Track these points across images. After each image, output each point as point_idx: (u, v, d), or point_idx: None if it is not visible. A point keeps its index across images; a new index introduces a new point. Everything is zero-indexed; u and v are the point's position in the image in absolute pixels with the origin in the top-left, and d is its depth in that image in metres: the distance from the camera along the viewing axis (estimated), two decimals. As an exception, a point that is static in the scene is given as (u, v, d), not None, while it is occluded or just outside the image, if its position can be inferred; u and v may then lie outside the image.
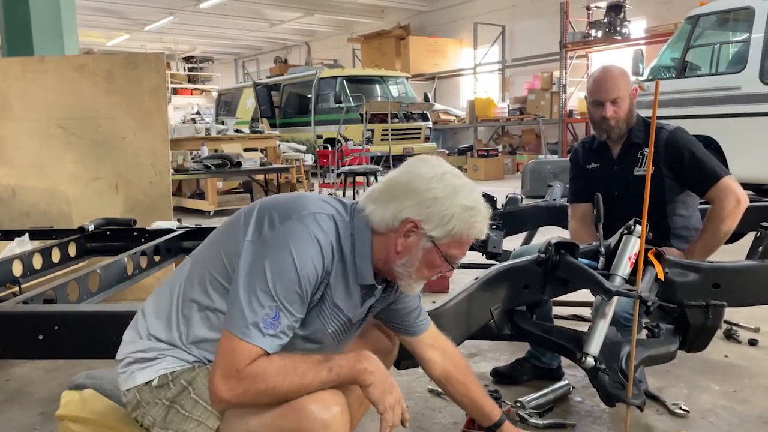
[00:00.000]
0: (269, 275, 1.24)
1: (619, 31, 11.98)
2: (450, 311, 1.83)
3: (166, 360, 1.34)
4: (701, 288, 2.07)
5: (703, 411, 2.29)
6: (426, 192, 1.34)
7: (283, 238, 1.28)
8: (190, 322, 1.34)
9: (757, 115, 6.65)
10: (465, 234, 1.36)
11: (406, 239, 1.36)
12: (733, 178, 2.39)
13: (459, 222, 1.34)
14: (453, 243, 1.37)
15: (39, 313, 1.87)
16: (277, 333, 1.25)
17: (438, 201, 1.34)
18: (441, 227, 1.34)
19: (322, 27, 21.13)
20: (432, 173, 1.37)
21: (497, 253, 3.08)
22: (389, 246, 1.37)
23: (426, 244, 1.36)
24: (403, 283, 1.42)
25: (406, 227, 1.35)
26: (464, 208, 1.35)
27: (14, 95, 4.18)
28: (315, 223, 1.31)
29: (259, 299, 1.24)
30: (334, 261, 1.33)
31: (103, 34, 20.55)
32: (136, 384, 1.35)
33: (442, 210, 1.34)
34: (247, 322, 1.23)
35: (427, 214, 1.34)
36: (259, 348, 1.23)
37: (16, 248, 3.14)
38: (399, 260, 1.38)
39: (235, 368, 1.22)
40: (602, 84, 2.46)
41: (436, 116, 16.05)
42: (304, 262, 1.26)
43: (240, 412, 1.29)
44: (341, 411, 1.28)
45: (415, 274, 1.40)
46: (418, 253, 1.37)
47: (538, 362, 2.57)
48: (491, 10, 15.94)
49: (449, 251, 1.38)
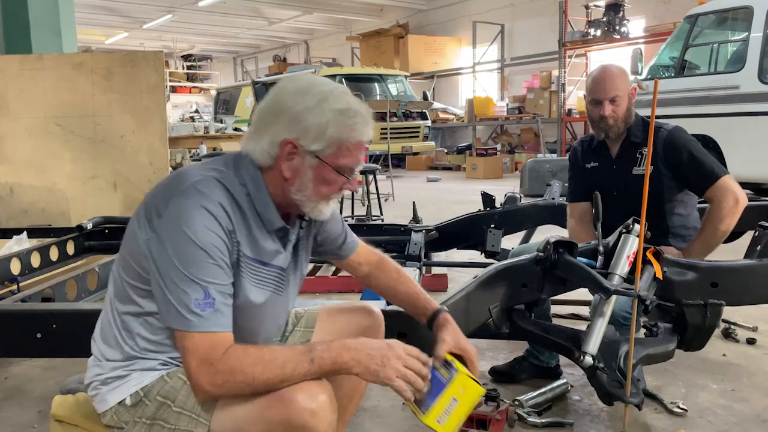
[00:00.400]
0: (178, 263, 1.22)
1: (618, 30, 11.98)
2: (448, 310, 1.83)
3: (133, 376, 1.33)
4: (699, 287, 2.07)
5: (702, 410, 2.30)
6: (294, 107, 1.29)
7: (173, 221, 1.24)
8: (133, 333, 1.33)
9: (756, 114, 6.66)
10: (347, 139, 1.31)
11: (290, 162, 1.31)
12: (732, 177, 2.39)
13: (336, 128, 1.29)
14: (339, 152, 1.31)
15: (37, 311, 1.86)
16: (217, 308, 1.23)
17: (309, 112, 1.28)
18: (319, 139, 1.29)
19: (320, 25, 21.12)
20: (297, 88, 1.32)
21: (496, 251, 3.08)
22: (279, 176, 1.33)
23: (311, 161, 1.31)
24: (308, 208, 1.36)
25: (286, 149, 1.30)
26: (338, 113, 1.29)
27: (12, 93, 4.17)
28: (197, 193, 1.26)
29: (182, 288, 1.22)
30: (233, 219, 1.28)
31: (102, 32, 20.53)
32: (110, 406, 1.34)
33: (315, 120, 1.28)
34: (183, 313, 1.21)
35: (302, 129, 1.29)
36: (211, 331, 1.22)
37: (14, 246, 3.14)
38: (292, 186, 1.33)
39: (208, 361, 1.21)
40: (601, 83, 2.46)
41: (435, 115, 16.06)
42: (203, 234, 1.23)
43: (227, 408, 1.29)
44: (328, 399, 1.27)
45: (315, 196, 1.34)
46: (308, 172, 1.32)
47: (536, 361, 2.57)
48: (490, 8, 15.94)
49: (338, 162, 1.32)
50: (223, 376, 1.21)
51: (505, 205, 3.26)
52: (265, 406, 1.25)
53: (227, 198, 1.29)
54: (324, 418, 1.25)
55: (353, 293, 3.88)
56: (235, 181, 1.32)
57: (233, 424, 1.28)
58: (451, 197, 9.11)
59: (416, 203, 3.81)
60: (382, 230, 3.19)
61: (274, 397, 1.25)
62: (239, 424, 1.28)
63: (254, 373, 1.22)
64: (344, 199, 6.28)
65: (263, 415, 1.25)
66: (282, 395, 1.24)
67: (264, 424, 1.26)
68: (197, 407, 1.30)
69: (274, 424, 1.24)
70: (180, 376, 1.33)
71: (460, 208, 4.74)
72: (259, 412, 1.26)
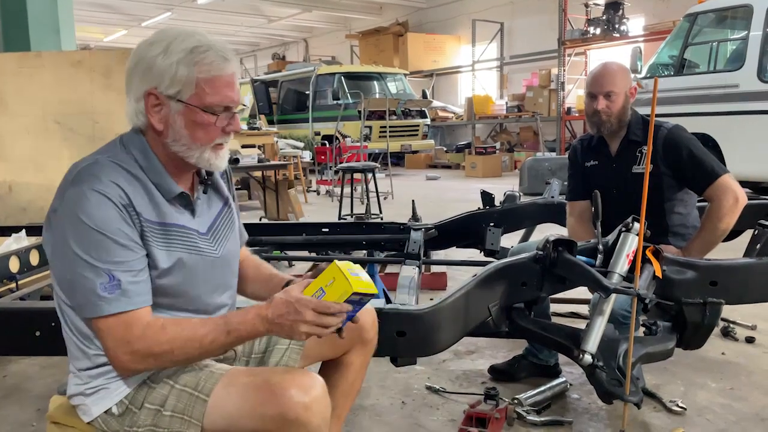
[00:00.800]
0: (80, 251, 1.21)
1: (618, 28, 11.99)
2: (447, 308, 1.83)
3: (114, 385, 1.32)
4: (699, 286, 2.07)
5: (700, 408, 2.30)
6: (145, 58, 1.28)
7: (69, 211, 1.23)
8: (90, 336, 1.31)
9: (755, 113, 6.66)
10: (206, 75, 1.27)
11: (159, 114, 1.29)
12: (732, 176, 2.39)
13: (189, 66, 1.26)
14: (202, 91, 1.27)
15: (36, 309, 1.86)
16: (124, 289, 1.22)
17: (157, 58, 1.27)
18: (175, 82, 1.26)
19: (320, 23, 21.10)
20: (148, 41, 1.31)
21: (495, 250, 3.08)
22: (154, 132, 1.31)
23: (176, 106, 1.28)
24: (194, 159, 1.32)
25: (150, 101, 1.28)
26: (186, 51, 1.26)
27: (10, 91, 4.16)
28: (87, 177, 1.25)
29: (86, 276, 1.21)
30: (128, 193, 1.26)
31: (101, 29, 20.49)
32: (94, 417, 1.33)
33: (167, 63, 1.26)
34: (92, 300, 1.21)
35: (155, 77, 1.27)
36: (122, 312, 1.21)
37: (12, 244, 3.13)
38: (168, 139, 1.30)
39: (125, 341, 1.21)
40: (598, 77, 2.48)
41: (434, 113, 16.05)
42: (98, 217, 1.21)
43: (221, 406, 1.28)
44: (322, 394, 1.27)
45: (195, 144, 1.31)
46: (177, 120, 1.29)
47: (535, 359, 2.57)
48: (490, 6, 15.93)
49: (205, 101, 1.28)
50: (143, 354, 1.22)
51: (505, 204, 3.26)
52: (257, 402, 1.25)
53: (121, 174, 1.27)
54: (317, 413, 1.25)
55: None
56: (126, 157, 1.31)
57: (226, 421, 1.28)
58: (451, 196, 9.11)
59: (415, 202, 3.80)
60: (381, 228, 3.18)
61: (266, 392, 1.25)
62: (232, 420, 1.27)
63: (173, 348, 1.23)
64: (343, 197, 6.28)
65: (256, 411, 1.25)
66: (274, 390, 1.24)
67: (257, 420, 1.25)
68: (188, 409, 1.29)
69: (267, 419, 1.24)
70: (165, 380, 1.33)
71: (460, 207, 4.74)
72: (251, 408, 1.26)
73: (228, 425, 1.28)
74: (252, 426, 1.26)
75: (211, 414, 1.29)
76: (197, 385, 1.31)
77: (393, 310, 1.77)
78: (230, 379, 1.31)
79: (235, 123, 1.34)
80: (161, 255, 1.30)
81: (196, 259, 1.36)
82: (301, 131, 14.00)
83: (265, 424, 1.25)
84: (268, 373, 1.34)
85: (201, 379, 1.31)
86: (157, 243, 1.30)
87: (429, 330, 1.80)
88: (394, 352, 1.81)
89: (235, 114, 1.35)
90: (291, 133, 13.56)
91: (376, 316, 1.66)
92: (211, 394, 1.29)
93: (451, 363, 2.78)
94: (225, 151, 1.37)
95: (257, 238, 3.05)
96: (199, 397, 1.29)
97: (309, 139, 13.16)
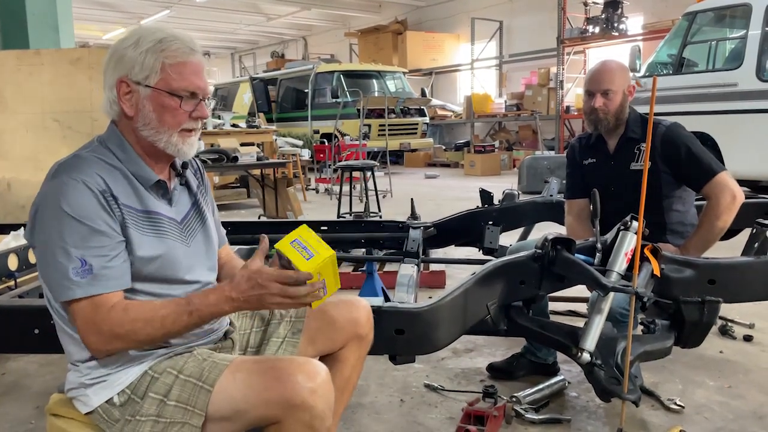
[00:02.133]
0: (56, 238, 1.25)
1: (617, 27, 11.99)
2: (446, 306, 1.83)
3: (114, 376, 1.34)
4: (697, 284, 2.08)
5: (698, 406, 2.30)
6: (118, 50, 1.37)
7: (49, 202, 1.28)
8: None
9: (754, 112, 6.67)
10: (172, 61, 1.35)
11: (129, 100, 1.36)
12: (729, 174, 2.39)
13: (156, 54, 1.34)
14: (168, 76, 1.35)
15: (35, 307, 1.85)
16: (96, 273, 1.25)
17: (129, 49, 1.35)
18: (144, 68, 1.34)
19: (319, 21, 21.08)
20: (121, 37, 1.40)
21: (494, 248, 3.08)
22: (126, 119, 1.38)
23: (145, 91, 1.35)
24: (162, 144, 1.38)
25: (122, 89, 1.36)
26: (155, 41, 1.35)
27: (9, 88, 4.16)
28: (66, 169, 1.31)
29: (60, 262, 1.25)
30: (107, 181, 1.31)
31: (99, 27, 20.46)
32: (95, 407, 1.34)
33: (137, 53, 1.34)
34: (65, 284, 1.24)
35: (127, 65, 1.35)
36: (92, 295, 1.25)
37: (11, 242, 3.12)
38: (138, 123, 1.37)
39: (92, 322, 1.25)
40: (596, 75, 2.48)
41: (433, 111, 16.05)
42: (75, 204, 1.26)
43: (226, 392, 1.29)
44: (326, 379, 1.30)
45: (162, 127, 1.37)
46: (146, 104, 1.36)
47: (534, 357, 2.58)
48: (489, 5, 15.92)
49: (171, 85, 1.35)
50: (107, 335, 1.25)
51: (503, 202, 3.26)
52: (263, 387, 1.27)
53: (100, 165, 1.34)
54: (322, 397, 1.27)
55: (351, 290, 3.88)
56: (104, 151, 1.38)
57: (231, 407, 1.29)
58: (449, 194, 9.12)
59: (414, 200, 3.80)
60: (380, 227, 3.18)
61: (272, 377, 1.27)
62: (238, 406, 1.29)
63: (135, 329, 1.25)
64: (342, 195, 6.28)
65: (262, 396, 1.26)
66: (280, 375, 1.26)
67: (263, 405, 1.27)
68: (192, 399, 1.30)
69: (273, 405, 1.26)
70: (169, 370, 1.34)
71: (458, 205, 4.75)
72: (257, 393, 1.27)
73: (233, 411, 1.29)
74: (257, 412, 1.28)
75: (216, 401, 1.30)
76: (201, 376, 1.32)
77: (392, 308, 1.78)
78: (236, 366, 1.33)
79: (201, 109, 1.41)
80: (149, 241, 1.35)
81: (182, 248, 1.42)
82: (300, 129, 14.00)
83: (271, 410, 1.26)
84: (274, 360, 1.37)
85: (205, 370, 1.33)
86: (142, 230, 1.35)
87: (427, 328, 1.80)
88: (393, 350, 1.82)
89: (202, 101, 1.40)
90: (290, 132, 13.55)
91: (371, 312, 1.67)
92: (217, 382, 1.30)
93: (450, 361, 2.79)
94: (193, 139, 1.43)
95: (256, 236, 3.05)
96: (203, 388, 1.31)
97: (308, 137, 13.15)
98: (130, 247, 1.32)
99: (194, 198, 1.54)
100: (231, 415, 1.29)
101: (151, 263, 1.35)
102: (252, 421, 1.30)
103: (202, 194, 1.57)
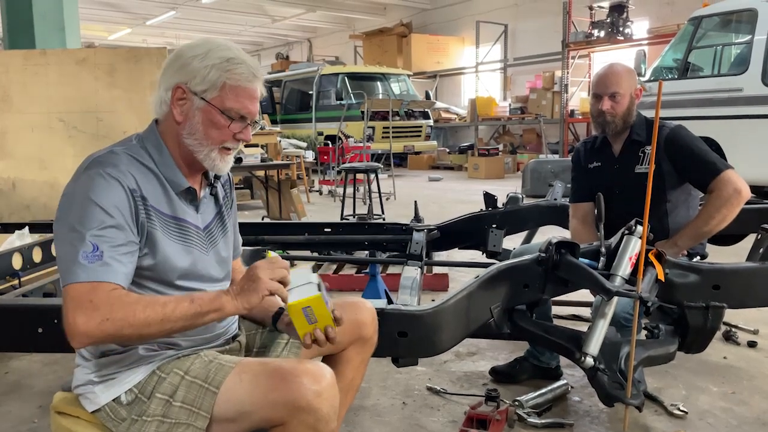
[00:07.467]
0: (74, 223, 1.24)
1: (622, 31, 11.97)
2: (449, 309, 1.83)
3: (122, 375, 1.34)
4: (701, 289, 2.07)
5: (702, 412, 2.29)
6: (185, 56, 1.39)
7: (79, 193, 1.28)
8: None
9: (759, 117, 6.65)
10: (233, 83, 1.37)
11: (181, 107, 1.38)
12: (736, 171, 2.36)
13: (221, 72, 1.36)
14: (225, 95, 1.37)
15: (38, 306, 1.86)
16: (105, 261, 1.23)
17: (196, 59, 1.37)
18: (204, 81, 1.36)
19: (323, 23, 21.11)
20: (192, 43, 1.42)
21: (497, 252, 3.08)
22: (173, 122, 1.40)
23: (199, 103, 1.37)
24: (201, 156, 1.40)
25: (177, 94, 1.38)
26: (223, 59, 1.37)
27: (15, 88, 4.17)
28: (99, 163, 1.31)
29: (73, 245, 1.23)
30: (138, 179, 1.33)
31: (105, 27, 20.54)
32: (101, 405, 1.34)
33: (203, 65, 1.36)
34: (70, 267, 1.22)
35: (189, 73, 1.37)
36: (96, 281, 1.21)
37: (16, 241, 3.13)
38: (183, 131, 1.39)
39: (87, 300, 1.20)
40: (604, 78, 2.48)
41: (437, 114, 16.06)
42: (104, 196, 1.26)
43: (231, 394, 1.29)
44: (331, 382, 1.29)
45: (206, 140, 1.39)
46: (196, 115, 1.38)
47: (537, 361, 2.57)
48: (493, 8, 15.94)
49: (225, 104, 1.37)
50: (102, 314, 1.18)
51: (507, 206, 3.25)
52: (269, 389, 1.27)
53: (133, 163, 1.35)
54: (327, 400, 1.27)
55: (354, 291, 3.88)
56: (140, 151, 1.39)
57: (237, 408, 1.29)
58: (453, 197, 9.11)
59: (418, 202, 3.80)
60: (384, 229, 3.18)
61: (278, 379, 1.27)
62: (243, 407, 1.29)
63: (135, 310, 1.21)
64: (345, 197, 6.28)
65: (267, 398, 1.26)
66: (286, 377, 1.26)
67: (268, 407, 1.27)
68: (198, 400, 1.31)
69: (279, 406, 1.26)
70: (176, 371, 1.35)
71: (462, 208, 4.75)
72: (263, 394, 1.27)
73: (238, 412, 1.29)
74: (262, 414, 1.28)
75: (222, 402, 1.30)
76: (207, 377, 1.33)
77: (395, 310, 1.77)
78: (242, 367, 1.33)
79: (246, 132, 1.43)
80: (177, 249, 1.36)
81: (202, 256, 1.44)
82: (305, 131, 14.02)
83: (276, 411, 1.26)
84: (280, 361, 1.37)
85: (211, 372, 1.33)
86: (170, 235, 1.36)
87: (430, 331, 1.80)
88: (396, 353, 1.81)
89: (249, 125, 1.43)
90: (294, 133, 13.58)
91: (375, 314, 1.67)
92: (223, 383, 1.30)
93: (453, 364, 2.78)
94: (230, 158, 1.46)
95: (259, 237, 3.06)
96: (209, 389, 1.31)
97: (312, 138, 13.17)
98: (155, 248, 1.32)
99: (219, 209, 1.55)
100: (236, 416, 1.29)
101: (176, 271, 1.36)
102: (257, 422, 1.30)
103: (227, 206, 1.58)
